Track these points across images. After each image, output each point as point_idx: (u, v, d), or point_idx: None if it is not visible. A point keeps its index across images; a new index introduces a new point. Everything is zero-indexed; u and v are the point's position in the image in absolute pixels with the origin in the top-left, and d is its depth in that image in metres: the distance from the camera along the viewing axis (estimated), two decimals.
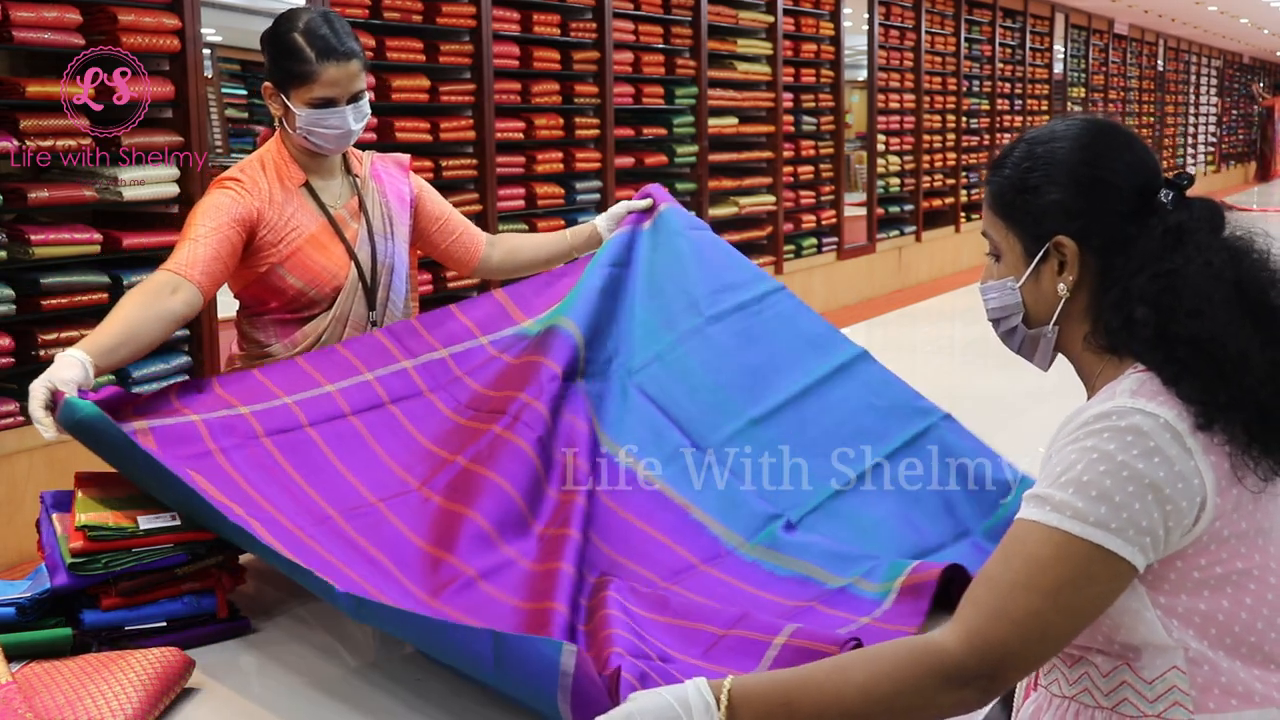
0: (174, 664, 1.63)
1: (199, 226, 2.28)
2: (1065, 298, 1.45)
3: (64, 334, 4.11)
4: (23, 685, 1.56)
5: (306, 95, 2.33)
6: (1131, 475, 1.27)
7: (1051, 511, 1.28)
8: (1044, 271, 1.46)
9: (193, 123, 4.46)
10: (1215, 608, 1.32)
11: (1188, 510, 1.28)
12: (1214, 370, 1.30)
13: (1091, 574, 1.26)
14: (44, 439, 1.87)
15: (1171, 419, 1.29)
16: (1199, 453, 1.29)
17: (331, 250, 2.40)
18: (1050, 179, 1.44)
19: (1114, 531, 1.26)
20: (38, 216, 4.14)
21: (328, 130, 2.35)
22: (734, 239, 7.98)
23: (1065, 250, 1.43)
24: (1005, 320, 1.52)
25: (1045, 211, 1.44)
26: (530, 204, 6.25)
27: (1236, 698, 1.31)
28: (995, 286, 1.51)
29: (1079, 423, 1.33)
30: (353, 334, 2.42)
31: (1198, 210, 1.40)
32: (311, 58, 2.31)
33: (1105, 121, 1.48)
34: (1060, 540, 1.27)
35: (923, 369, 3.97)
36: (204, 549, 1.81)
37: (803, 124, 8.77)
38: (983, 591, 1.29)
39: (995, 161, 1.52)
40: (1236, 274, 1.35)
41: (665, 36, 7.28)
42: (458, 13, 5.76)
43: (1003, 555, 1.30)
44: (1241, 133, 24.52)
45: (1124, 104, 17.46)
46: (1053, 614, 1.26)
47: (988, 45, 12.24)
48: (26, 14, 3.97)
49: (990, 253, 1.54)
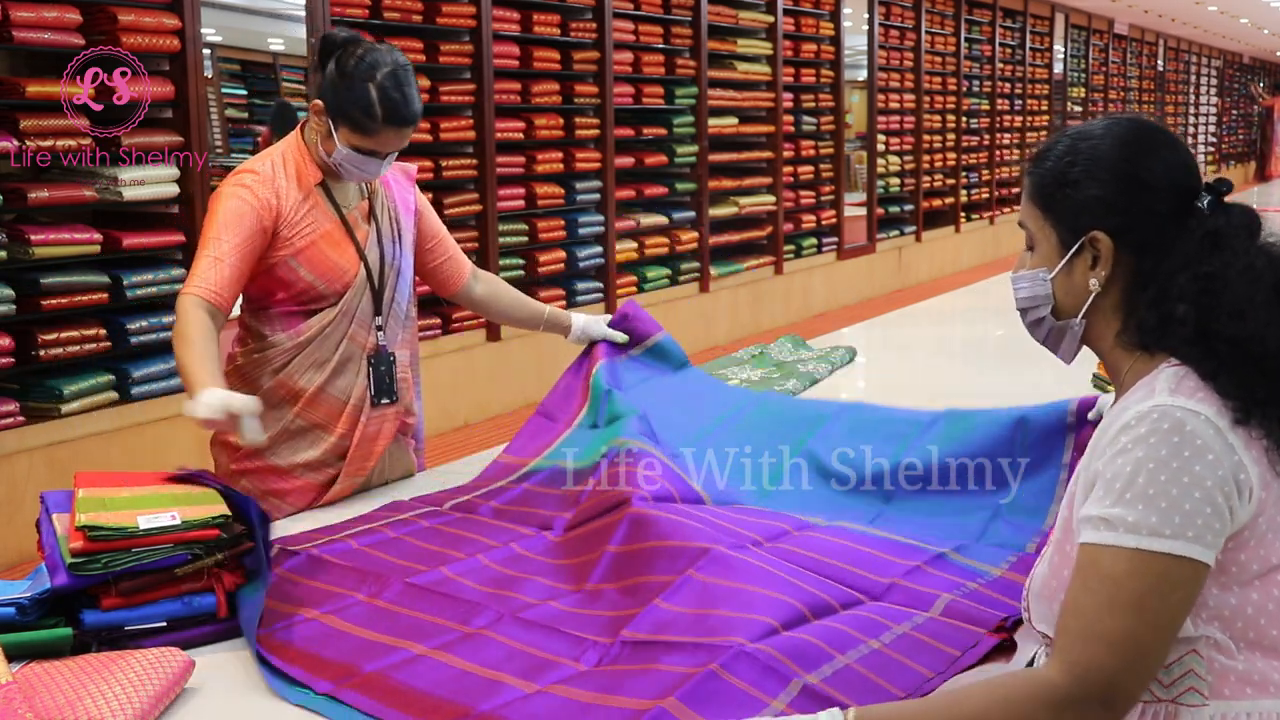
0: (174, 664, 1.63)
1: (223, 241, 2.30)
2: (1096, 292, 1.46)
3: (64, 334, 4.11)
4: (23, 685, 1.56)
5: (356, 142, 2.35)
6: (1192, 479, 1.28)
7: (1126, 533, 1.29)
8: (1077, 265, 1.48)
9: (193, 123, 4.46)
10: (1245, 601, 1.33)
11: (1240, 503, 1.30)
12: (1253, 368, 1.33)
13: (1172, 582, 1.28)
14: (44, 440, 1.87)
15: (1212, 415, 1.31)
16: (1240, 447, 1.30)
17: (344, 248, 2.43)
18: (1091, 175, 1.46)
19: (1191, 539, 1.27)
20: (38, 216, 4.14)
21: (359, 171, 2.40)
22: (734, 239, 7.99)
23: (1100, 246, 1.45)
24: (1034, 310, 1.54)
25: (1084, 206, 1.46)
26: (530, 204, 6.26)
27: (1252, 686, 1.32)
28: (1027, 276, 1.53)
29: (1121, 425, 1.34)
30: (358, 332, 2.44)
31: (1236, 216, 1.43)
32: (379, 117, 2.32)
33: (1150, 122, 1.50)
34: (1135, 558, 1.28)
35: (923, 369, 3.97)
36: (204, 549, 1.81)
37: (803, 124, 8.77)
38: (1071, 620, 1.31)
39: (1038, 153, 1.54)
40: (1276, 277, 1.38)
41: (665, 36, 7.28)
42: (458, 13, 5.77)
43: (1081, 581, 1.31)
44: (1241, 133, 24.52)
45: (1124, 104, 17.45)
46: (1143, 629, 1.27)
47: (988, 45, 12.24)
48: (26, 14, 3.98)
49: (1027, 244, 1.55)
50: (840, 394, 3.54)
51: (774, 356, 3.80)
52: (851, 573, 1.94)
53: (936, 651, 1.69)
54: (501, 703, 1.58)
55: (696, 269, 7.59)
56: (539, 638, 1.78)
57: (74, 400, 4.14)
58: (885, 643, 1.70)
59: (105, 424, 4.26)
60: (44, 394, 4.10)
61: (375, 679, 1.65)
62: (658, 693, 1.56)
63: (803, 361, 3.69)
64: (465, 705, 1.58)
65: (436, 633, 1.79)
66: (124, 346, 4.31)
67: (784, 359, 3.76)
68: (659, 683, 1.59)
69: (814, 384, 3.47)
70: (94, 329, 4.21)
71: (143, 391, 4.36)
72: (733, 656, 1.61)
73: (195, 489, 1.96)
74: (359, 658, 1.71)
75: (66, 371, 4.18)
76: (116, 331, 4.29)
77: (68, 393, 4.11)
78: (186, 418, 2.10)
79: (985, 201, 12.34)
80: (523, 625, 1.82)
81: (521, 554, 2.10)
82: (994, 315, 4.56)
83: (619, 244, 6.92)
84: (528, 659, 1.71)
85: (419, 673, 1.67)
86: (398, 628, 1.81)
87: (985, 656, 1.71)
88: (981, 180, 12.28)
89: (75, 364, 4.21)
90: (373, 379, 2.47)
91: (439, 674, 1.66)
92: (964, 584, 1.92)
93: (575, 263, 6.59)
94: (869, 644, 1.69)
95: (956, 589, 1.90)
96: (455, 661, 1.70)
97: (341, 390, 2.45)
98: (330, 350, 2.43)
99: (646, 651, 1.70)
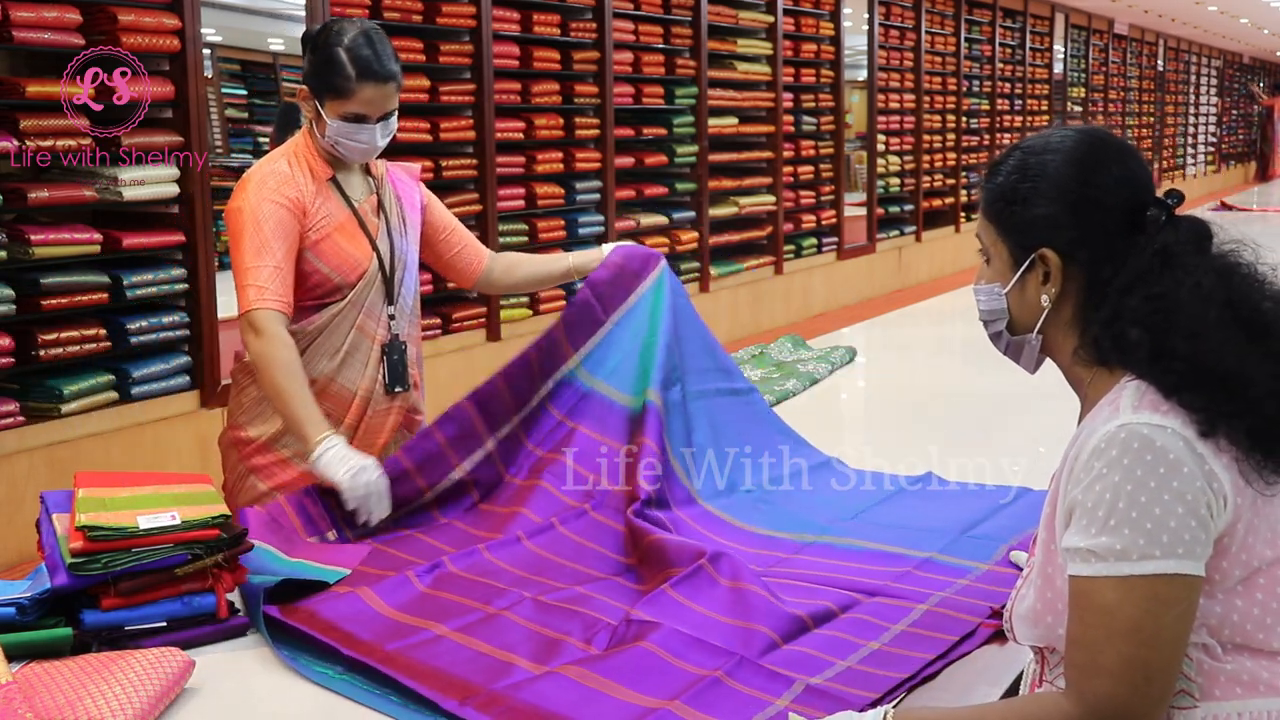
0: (174, 664, 1.63)
1: (276, 249, 2.34)
2: (1048, 309, 1.46)
3: (64, 334, 4.10)
4: (23, 685, 1.56)
5: (340, 109, 2.39)
6: (1172, 496, 1.27)
7: (1116, 562, 1.28)
8: (1029, 281, 1.48)
9: (192, 123, 4.46)
10: (1229, 609, 1.33)
11: (1218, 512, 1.30)
12: (1215, 384, 1.31)
13: (1166, 602, 1.27)
14: (44, 440, 1.87)
15: (1178, 427, 1.30)
16: (1210, 457, 1.30)
17: (358, 240, 2.47)
18: (1039, 192, 1.45)
19: (1182, 556, 1.27)
20: (38, 216, 4.14)
21: (354, 143, 2.42)
22: (734, 239, 7.99)
23: (1049, 262, 1.45)
24: (992, 324, 1.55)
25: (1032, 224, 1.45)
26: (530, 204, 6.25)
27: (1242, 686, 1.32)
28: (984, 290, 1.54)
29: (1092, 449, 1.32)
30: (366, 322, 2.46)
31: (1184, 230, 1.41)
32: (352, 75, 2.37)
33: (1100, 133, 1.48)
34: (1123, 585, 1.28)
35: (923, 369, 3.97)
36: (204, 549, 1.81)
37: (803, 124, 8.77)
38: (1075, 654, 1.31)
39: (990, 167, 1.54)
40: (1227, 293, 1.36)
41: (665, 36, 7.28)
42: (458, 13, 5.76)
43: (1078, 615, 1.31)
44: (1241, 133, 24.52)
45: (1124, 104, 17.46)
46: (1145, 653, 1.27)
47: (988, 45, 12.24)
48: (26, 14, 3.97)
49: (981, 253, 1.56)
50: (840, 394, 3.54)
51: (774, 356, 3.80)
52: (848, 580, 1.99)
53: (935, 640, 1.75)
54: (510, 683, 1.64)
55: (696, 269, 7.59)
56: (555, 619, 1.85)
57: (74, 400, 4.13)
58: (885, 642, 1.76)
59: (105, 424, 4.25)
60: (44, 394, 4.10)
61: (395, 656, 1.71)
62: (664, 693, 1.61)
63: (803, 361, 3.69)
64: (478, 685, 1.64)
65: (460, 614, 1.86)
66: (124, 346, 4.31)
67: (784, 359, 3.76)
68: (665, 684, 1.63)
69: (814, 384, 3.48)
70: (94, 329, 4.21)
71: (142, 391, 4.36)
72: (736, 664, 1.67)
73: (195, 488, 1.96)
74: (383, 637, 1.76)
75: (66, 371, 4.18)
76: (116, 331, 4.28)
77: (68, 393, 4.11)
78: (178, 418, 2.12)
79: None
80: (541, 609, 1.89)
81: (565, 535, 2.18)
82: None
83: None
84: (540, 640, 1.78)
85: (437, 653, 1.73)
86: (425, 609, 1.88)
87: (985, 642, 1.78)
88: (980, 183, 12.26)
89: (75, 364, 4.21)
90: (386, 368, 2.50)
91: (457, 655, 1.73)
92: (954, 581, 1.97)
93: None
94: (868, 645, 1.75)
95: (948, 587, 1.95)
96: (472, 643, 1.76)
97: (350, 381, 2.47)
98: (339, 340, 2.45)
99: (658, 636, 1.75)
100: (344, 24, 2.44)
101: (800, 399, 3.33)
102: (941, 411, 3.31)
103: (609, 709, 1.57)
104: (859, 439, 3.18)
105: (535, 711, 1.56)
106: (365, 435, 2.49)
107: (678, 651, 1.71)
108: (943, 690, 1.66)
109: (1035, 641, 1.44)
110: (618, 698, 1.60)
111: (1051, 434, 2.73)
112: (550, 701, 1.58)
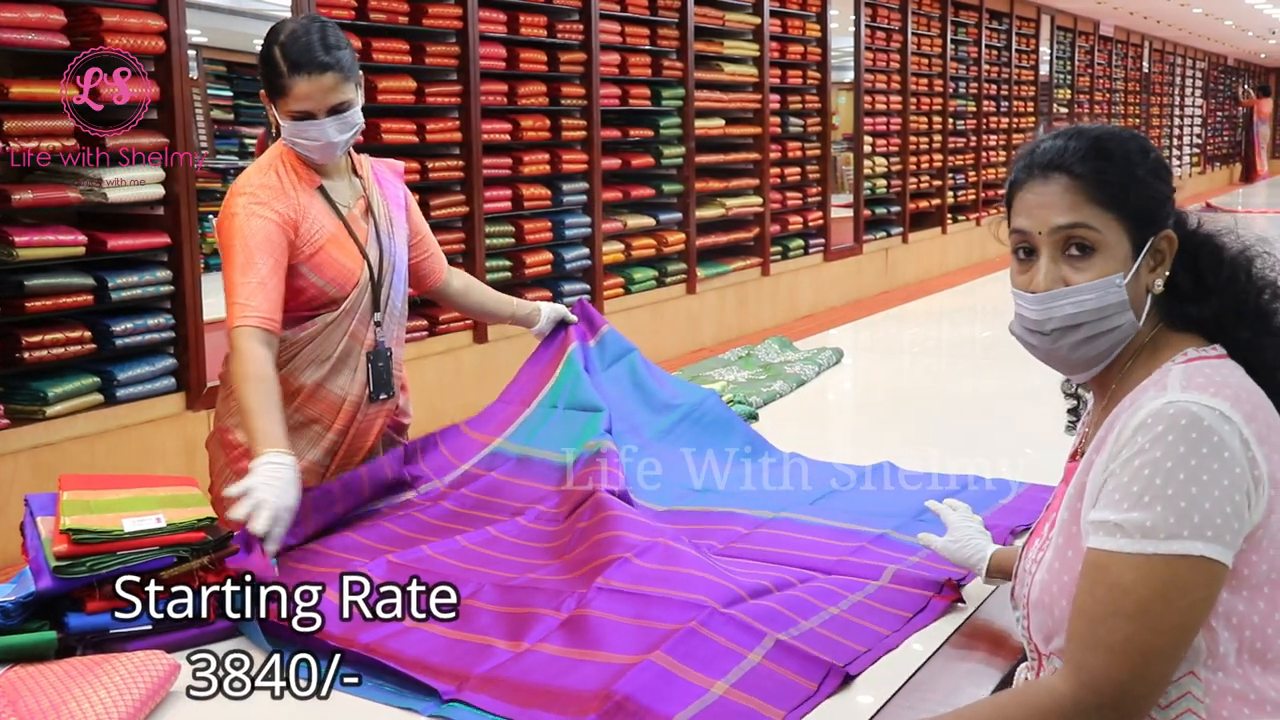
0: (159, 667, 1.62)
1: (260, 264, 2.29)
2: (1159, 293, 1.44)
3: (48, 336, 4.08)
4: (7, 689, 1.55)
5: (284, 107, 2.36)
6: (1211, 477, 1.26)
7: (1142, 539, 1.26)
8: (1143, 267, 1.44)
9: (178, 124, 4.44)
10: (1252, 609, 1.31)
11: (1256, 500, 1.28)
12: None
13: (1183, 586, 1.25)
14: (28, 442, 1.85)
15: (1227, 410, 1.29)
16: (1254, 443, 1.29)
17: (349, 249, 2.43)
18: (1156, 173, 1.45)
19: (1210, 539, 1.25)
20: (21, 218, 4.12)
21: (308, 141, 2.37)
22: (720, 241, 8.00)
23: (1171, 244, 1.45)
24: (1099, 322, 1.42)
25: (1160, 205, 1.44)
26: (517, 205, 6.25)
27: (1250, 706, 1.30)
28: (1095, 286, 1.40)
29: (1137, 424, 1.31)
30: (358, 329, 2.44)
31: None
32: (284, 71, 2.32)
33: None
34: (1143, 565, 1.26)
35: (910, 370, 3.98)
36: (190, 551, 1.80)
37: (789, 125, 8.78)
38: (1078, 625, 1.30)
39: (1086, 150, 1.43)
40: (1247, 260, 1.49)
41: (652, 38, 7.28)
42: (444, 14, 5.76)
43: (1089, 586, 1.30)
44: (1226, 134, 24.62)
45: (1109, 106, 17.52)
46: (1149, 636, 1.25)
47: (974, 47, 12.27)
48: (10, 15, 3.95)
49: (1071, 251, 1.42)
50: (828, 395, 3.54)
51: (761, 358, 3.80)
52: (804, 557, 2.09)
53: (890, 615, 1.84)
54: (495, 664, 1.68)
55: (683, 270, 7.59)
56: (520, 596, 1.89)
57: (58, 403, 4.11)
58: (843, 609, 1.85)
59: (90, 427, 4.23)
60: (28, 396, 4.07)
61: (374, 648, 1.72)
62: (642, 648, 1.67)
63: (790, 363, 3.69)
64: (462, 670, 1.66)
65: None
66: (109, 349, 4.29)
67: (771, 360, 3.76)
68: (642, 638, 1.70)
69: (801, 385, 3.48)
70: (78, 331, 4.19)
71: (127, 394, 4.34)
72: (709, 615, 1.73)
73: (181, 490, 1.95)
74: (354, 631, 1.76)
75: (51, 374, 4.15)
76: (101, 334, 4.26)
77: (52, 395, 4.08)
78: (164, 420, 2.10)
79: (972, 203, 12.36)
80: (503, 590, 1.92)
81: (497, 536, 2.20)
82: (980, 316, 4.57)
83: (606, 246, 6.91)
84: (511, 619, 1.82)
85: (412, 642, 1.74)
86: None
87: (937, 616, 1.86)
88: (968, 182, 12.30)
89: (60, 366, 4.18)
90: (372, 375, 2.48)
91: (431, 644, 1.74)
92: (907, 557, 2.06)
93: (562, 264, 6.58)
94: (828, 610, 1.84)
95: (901, 562, 2.04)
96: (444, 631, 1.77)
97: (340, 387, 2.45)
98: (331, 347, 2.43)
99: (624, 601, 1.81)
100: (289, 21, 2.39)
101: (787, 400, 3.33)
102: (928, 413, 3.31)
103: (592, 672, 1.62)
104: (845, 440, 3.18)
105: (525, 686, 1.61)
106: (353, 440, 2.48)
107: (647, 613, 1.77)
108: (929, 690, 1.66)
109: (1044, 634, 1.42)
110: (599, 661, 1.65)
111: (1039, 435, 2.73)
112: (536, 675, 1.63)
